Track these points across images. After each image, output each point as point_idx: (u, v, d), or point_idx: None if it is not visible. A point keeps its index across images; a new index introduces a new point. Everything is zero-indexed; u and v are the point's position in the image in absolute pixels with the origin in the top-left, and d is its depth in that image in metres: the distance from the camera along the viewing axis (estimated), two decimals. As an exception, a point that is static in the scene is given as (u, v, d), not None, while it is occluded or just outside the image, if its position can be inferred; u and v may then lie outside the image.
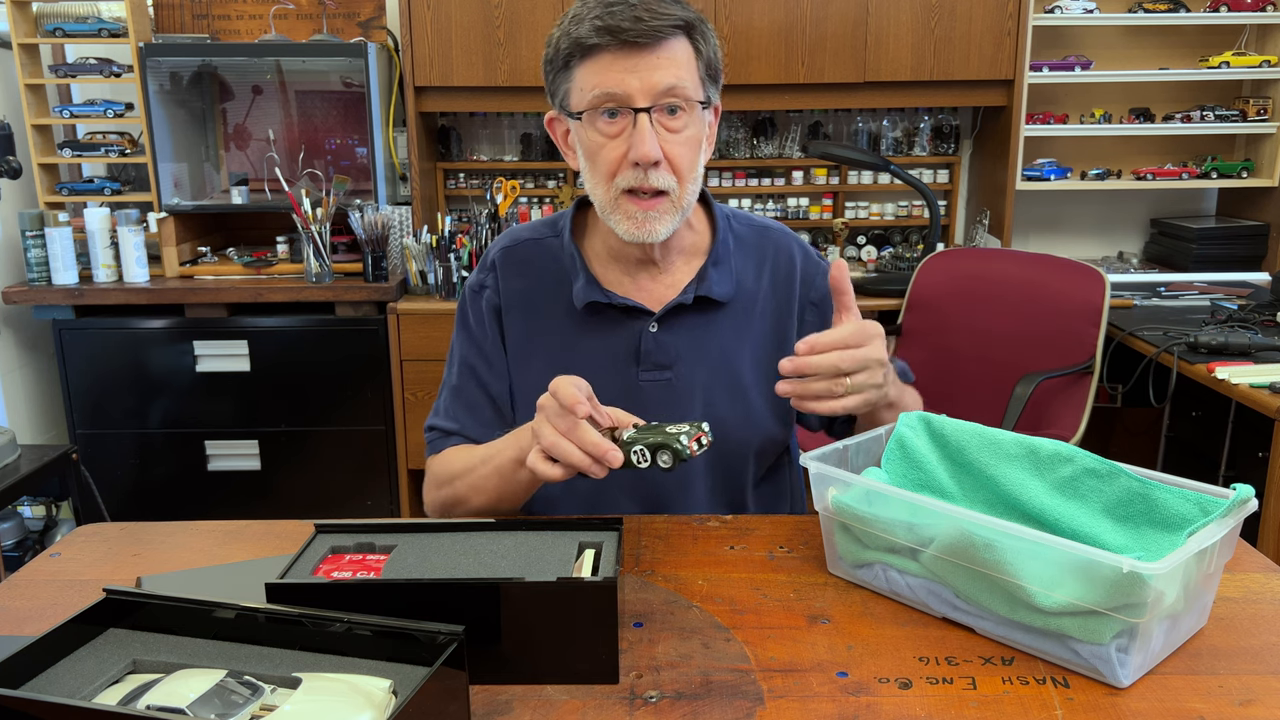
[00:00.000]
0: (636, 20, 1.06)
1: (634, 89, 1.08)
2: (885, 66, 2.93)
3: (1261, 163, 3.15)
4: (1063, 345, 2.42)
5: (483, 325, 1.28)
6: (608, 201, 1.14)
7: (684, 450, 0.92)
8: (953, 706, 0.79)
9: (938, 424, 1.06)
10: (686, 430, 0.94)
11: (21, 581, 1.05)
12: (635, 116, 1.09)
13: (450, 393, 1.29)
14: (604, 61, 1.08)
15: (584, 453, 0.93)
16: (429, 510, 1.25)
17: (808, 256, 1.31)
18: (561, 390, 0.94)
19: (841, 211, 3.33)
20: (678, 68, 1.10)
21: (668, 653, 0.88)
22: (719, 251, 1.25)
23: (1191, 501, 0.90)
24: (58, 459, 2.17)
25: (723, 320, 1.25)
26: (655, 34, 1.07)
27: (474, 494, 1.16)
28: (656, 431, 0.94)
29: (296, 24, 3.16)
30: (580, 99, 1.11)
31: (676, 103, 1.10)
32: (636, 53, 1.08)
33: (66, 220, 2.84)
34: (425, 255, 2.86)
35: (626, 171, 1.11)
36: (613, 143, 1.11)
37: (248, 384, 2.86)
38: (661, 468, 0.94)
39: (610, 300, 1.22)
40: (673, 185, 1.12)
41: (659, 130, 1.10)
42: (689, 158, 1.13)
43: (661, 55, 1.08)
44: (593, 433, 0.93)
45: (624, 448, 0.94)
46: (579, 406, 0.92)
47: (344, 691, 0.70)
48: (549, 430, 0.95)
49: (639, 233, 1.14)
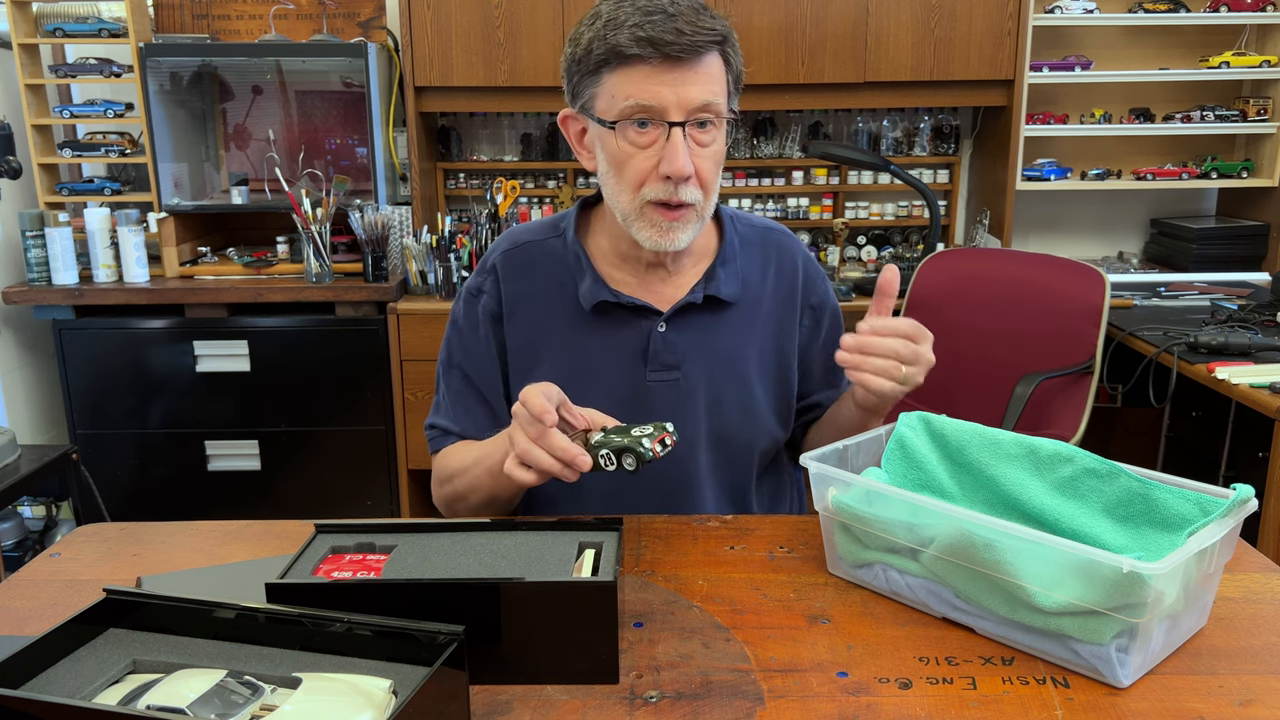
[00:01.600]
0: (679, 34, 1.05)
1: (670, 102, 1.07)
2: (885, 66, 2.93)
3: (1261, 163, 3.15)
4: (1063, 345, 2.42)
5: (476, 330, 1.28)
6: (632, 210, 1.14)
7: (646, 453, 0.96)
8: (953, 706, 0.80)
9: (938, 424, 1.06)
10: (649, 432, 0.97)
11: (21, 581, 1.05)
12: (669, 130, 1.08)
13: (446, 393, 1.30)
14: (642, 72, 1.07)
15: (554, 458, 0.96)
16: (437, 505, 1.27)
17: (809, 259, 1.33)
18: (530, 400, 0.96)
19: (841, 211, 3.33)
20: (712, 82, 1.09)
21: (668, 653, 0.88)
22: (727, 252, 1.26)
23: (1191, 501, 0.90)
24: (58, 459, 2.17)
25: (729, 320, 1.25)
26: (696, 49, 1.06)
27: (471, 492, 1.18)
28: (623, 434, 0.97)
29: (296, 24, 3.16)
30: (611, 106, 1.10)
31: (709, 117, 1.10)
32: (675, 66, 1.07)
33: (66, 220, 2.84)
34: (425, 255, 2.86)
35: (655, 184, 1.11)
36: (643, 153, 1.10)
37: (248, 384, 2.86)
38: (626, 469, 0.97)
39: (619, 300, 1.22)
40: (699, 198, 1.13)
41: (689, 144, 1.10)
42: (714, 172, 1.14)
43: (699, 70, 1.08)
44: (562, 439, 0.96)
45: (591, 451, 0.97)
46: (546, 416, 0.94)
47: (344, 691, 0.70)
48: (521, 437, 0.98)
49: (663, 242, 1.14)
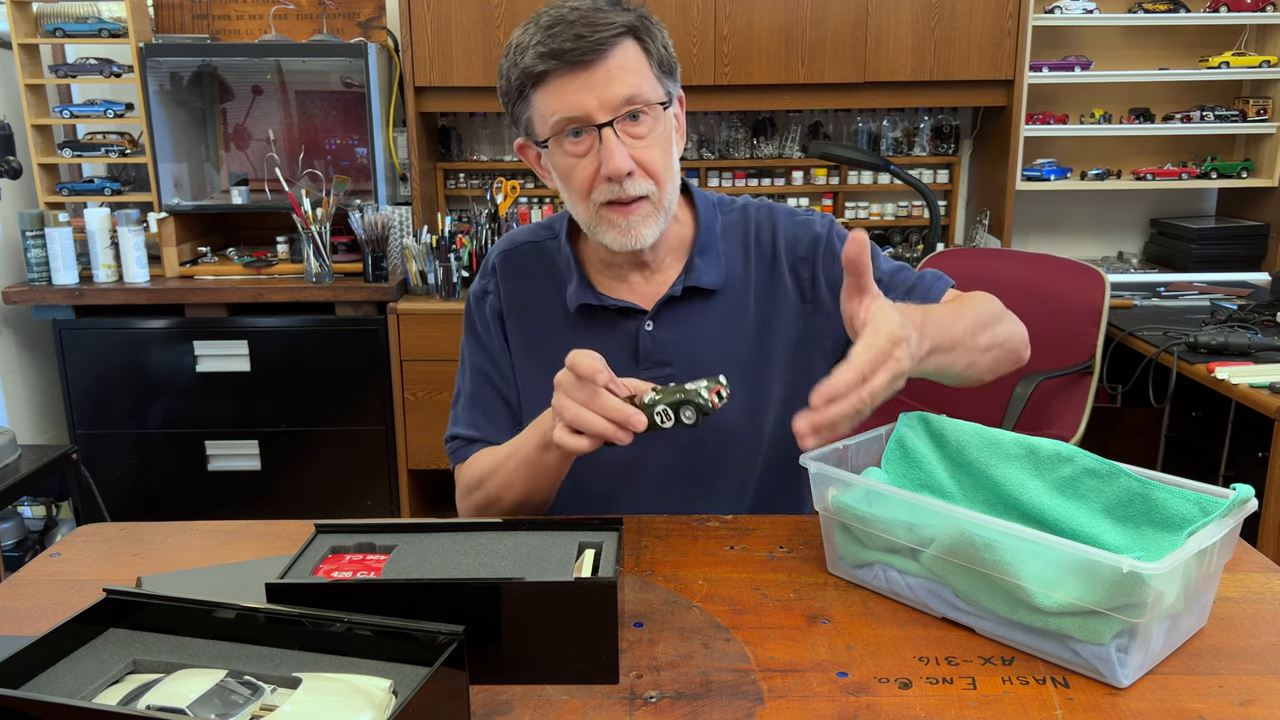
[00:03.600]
0: (578, 39, 1.05)
1: (592, 106, 1.07)
2: (885, 66, 2.93)
3: (1261, 163, 3.15)
4: (1063, 345, 2.42)
5: (489, 331, 1.28)
6: (590, 217, 1.14)
7: (706, 403, 0.94)
8: (953, 706, 0.79)
9: (937, 424, 1.06)
10: (705, 384, 0.95)
11: (21, 581, 1.05)
12: (600, 132, 1.08)
13: (467, 401, 1.29)
14: (556, 85, 1.08)
15: (607, 420, 0.94)
16: (465, 517, 1.23)
17: (789, 216, 1.28)
18: (580, 362, 0.94)
19: (841, 211, 3.33)
20: (630, 75, 1.08)
21: (668, 653, 0.88)
22: (704, 240, 1.24)
23: (1191, 501, 0.90)
24: (58, 459, 2.17)
25: (716, 308, 1.24)
26: (599, 48, 1.06)
27: (505, 490, 1.16)
28: (676, 391, 0.95)
29: (296, 24, 3.16)
30: (543, 125, 1.11)
31: (637, 109, 1.09)
32: (585, 70, 1.07)
33: (66, 220, 2.84)
34: (425, 255, 2.86)
35: (601, 186, 1.11)
36: (583, 161, 1.11)
37: (248, 384, 2.86)
38: (685, 423, 0.94)
39: (602, 302, 1.22)
40: (651, 189, 1.12)
41: (625, 140, 1.09)
42: (661, 160, 1.13)
43: (611, 67, 1.07)
44: (614, 399, 0.94)
45: (645, 410, 0.94)
46: (598, 375, 0.93)
47: (344, 691, 0.70)
48: (569, 404, 0.96)
49: (626, 240, 1.13)
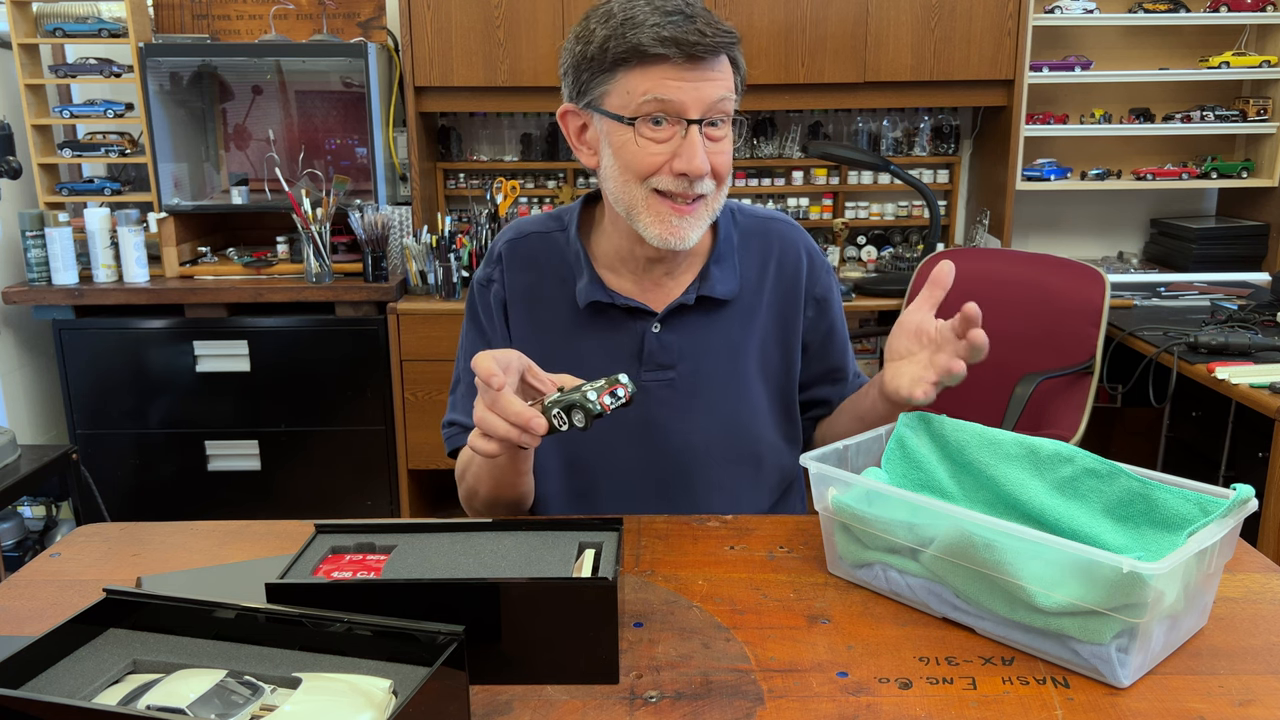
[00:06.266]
0: (701, 35, 1.08)
1: (689, 100, 1.10)
2: (885, 66, 2.93)
3: (1261, 163, 3.15)
4: (1063, 345, 2.42)
5: (492, 319, 1.28)
6: (639, 200, 1.14)
7: (594, 406, 0.94)
8: (953, 706, 0.79)
9: (937, 424, 1.06)
10: (599, 385, 0.95)
11: (21, 581, 1.05)
12: (686, 128, 1.10)
13: (465, 388, 1.29)
14: (663, 71, 1.09)
15: (509, 424, 0.94)
16: (463, 503, 1.25)
17: (813, 250, 1.32)
18: (479, 365, 0.94)
19: (841, 212, 3.33)
20: (725, 82, 1.12)
21: (668, 653, 0.88)
22: (721, 249, 1.25)
23: (1191, 501, 0.90)
24: (58, 459, 2.17)
25: (727, 317, 1.25)
26: (716, 49, 1.10)
27: (478, 484, 1.17)
28: (573, 392, 0.95)
29: (296, 24, 3.16)
30: (626, 103, 1.11)
31: (721, 116, 1.13)
32: (696, 66, 1.09)
33: (66, 220, 2.84)
34: (425, 255, 2.86)
35: (666, 176, 1.12)
36: (657, 147, 1.12)
37: (248, 384, 2.86)
38: (577, 427, 0.95)
39: (613, 300, 1.22)
40: (711, 189, 1.15)
41: (704, 141, 1.12)
42: (727, 167, 1.16)
43: (716, 70, 1.11)
44: (516, 403, 0.94)
45: (545, 412, 0.94)
46: (493, 379, 0.92)
47: (344, 691, 0.70)
48: (477, 406, 0.96)
49: (670, 239, 1.14)
